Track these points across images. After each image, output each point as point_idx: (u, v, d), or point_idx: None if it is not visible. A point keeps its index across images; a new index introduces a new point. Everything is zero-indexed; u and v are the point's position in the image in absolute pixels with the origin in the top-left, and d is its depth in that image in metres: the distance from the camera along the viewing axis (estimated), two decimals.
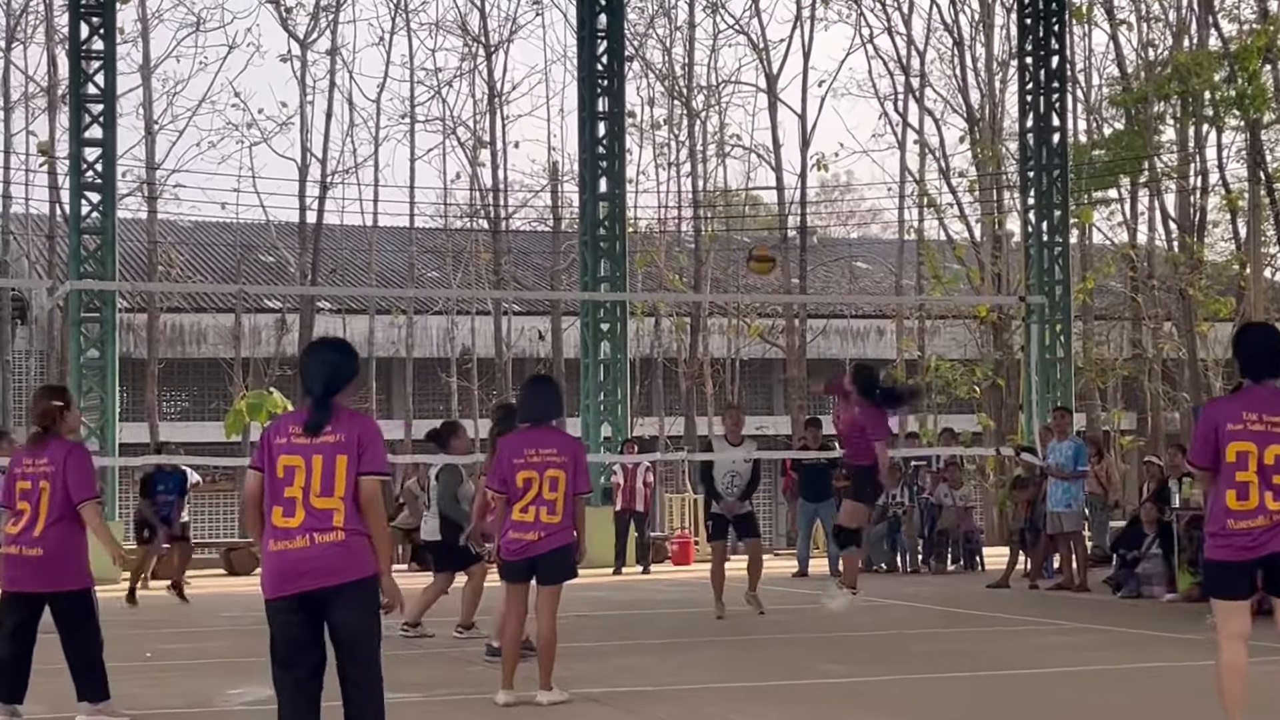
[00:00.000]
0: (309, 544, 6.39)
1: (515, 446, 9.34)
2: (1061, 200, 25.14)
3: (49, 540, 8.58)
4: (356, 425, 6.55)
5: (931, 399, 36.66)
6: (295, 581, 6.40)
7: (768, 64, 37.57)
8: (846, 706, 9.54)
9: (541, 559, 9.25)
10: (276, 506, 6.48)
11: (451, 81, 37.98)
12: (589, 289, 24.25)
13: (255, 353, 36.45)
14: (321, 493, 6.45)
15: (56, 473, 8.62)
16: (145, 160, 34.61)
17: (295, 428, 6.55)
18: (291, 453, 6.50)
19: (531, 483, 9.21)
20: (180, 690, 10.33)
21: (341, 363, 6.67)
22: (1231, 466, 7.09)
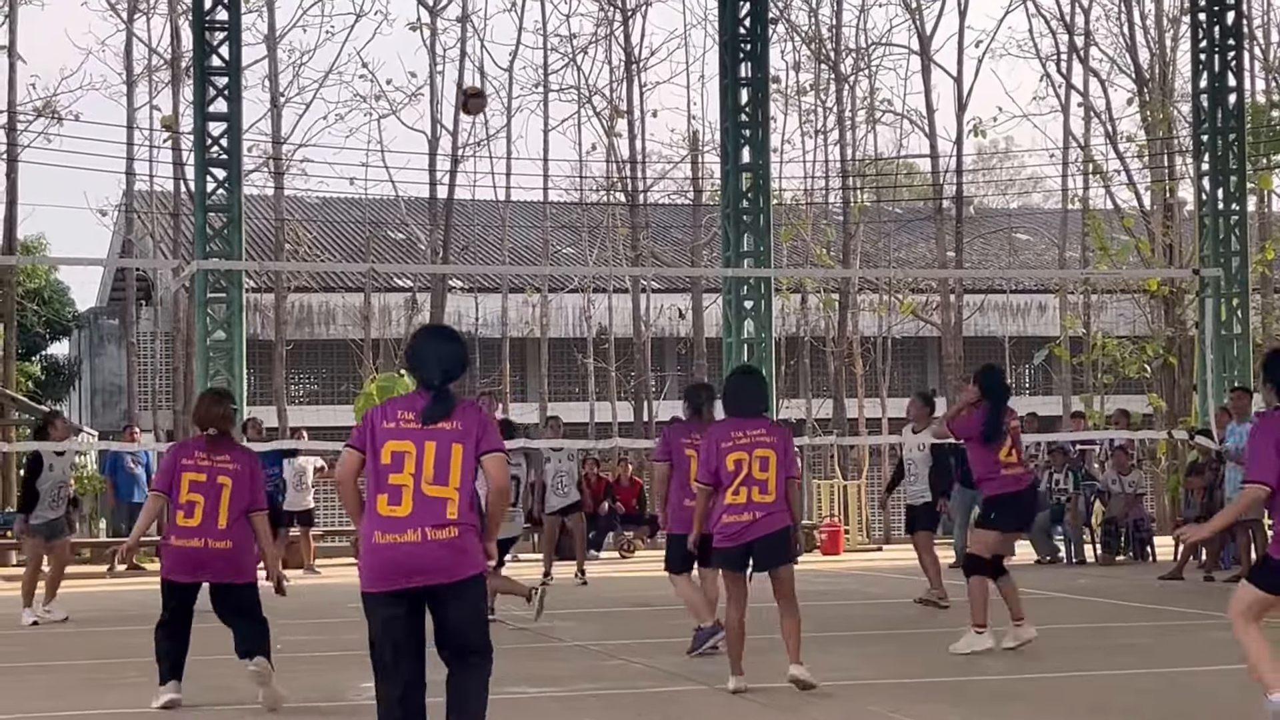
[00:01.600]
0: (420, 539, 6.44)
1: (723, 432, 9.63)
2: (1238, 165, 24.67)
3: (235, 534, 9.28)
4: (474, 414, 6.68)
5: (1099, 378, 36.18)
6: (406, 578, 6.47)
7: (921, 24, 37.24)
8: (1014, 705, 9.46)
9: (758, 543, 9.44)
10: (381, 494, 6.51)
11: (587, 48, 38.06)
12: (731, 265, 24.21)
13: (385, 333, 36.87)
14: (435, 480, 6.50)
15: (241, 474, 9.32)
16: (271, 134, 35.10)
17: (406, 413, 6.60)
18: (401, 438, 6.54)
19: (742, 464, 9.45)
20: (312, 683, 10.49)
21: (458, 352, 6.79)
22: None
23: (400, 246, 41.39)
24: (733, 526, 9.46)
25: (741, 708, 9.28)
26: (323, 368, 41.12)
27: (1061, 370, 37.51)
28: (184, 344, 32.86)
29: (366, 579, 6.58)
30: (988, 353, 42.69)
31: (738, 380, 10.07)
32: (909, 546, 24.15)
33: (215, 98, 22.88)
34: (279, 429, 32.11)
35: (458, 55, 36.32)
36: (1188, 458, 23.06)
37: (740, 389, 9.88)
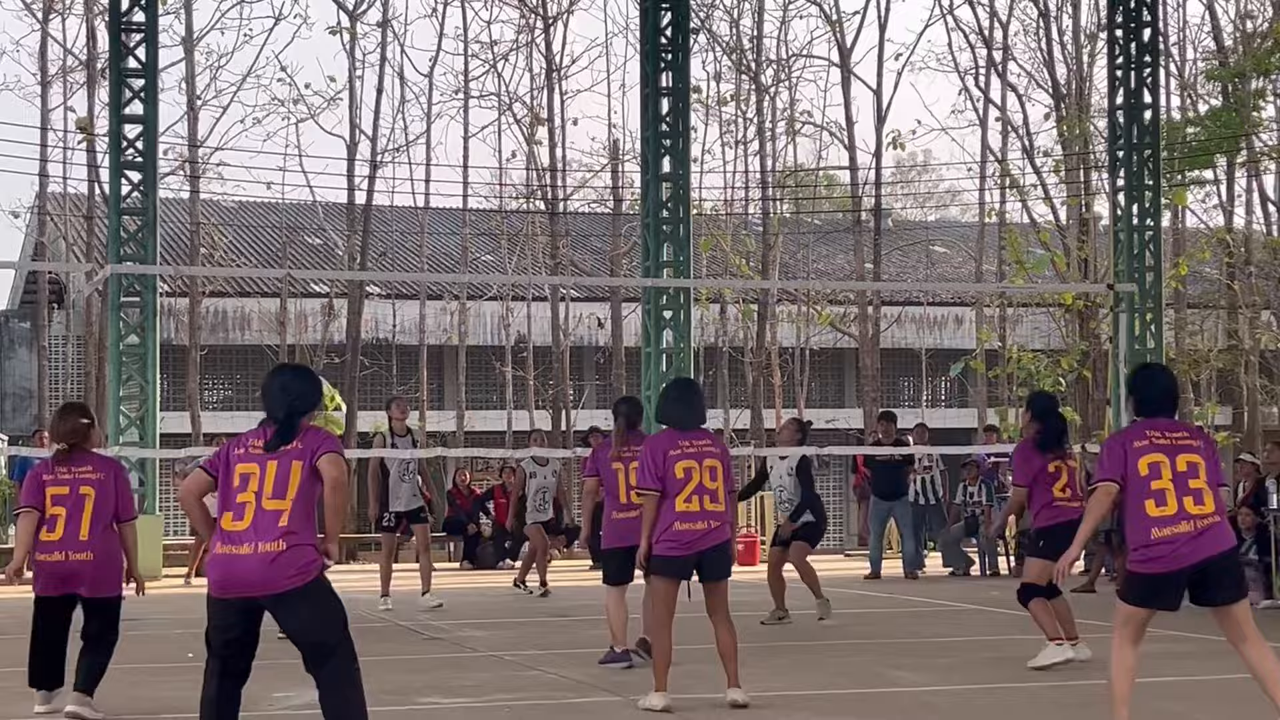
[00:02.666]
0: (253, 552, 7.04)
1: (668, 440, 9.64)
2: (1153, 181, 24.96)
3: (97, 546, 9.22)
4: (313, 435, 7.29)
5: (1014, 391, 36.51)
6: (238, 588, 7.09)
7: (841, 37, 37.48)
8: (928, 717, 9.53)
9: (710, 553, 9.50)
10: (228, 511, 7.14)
11: (508, 55, 38.05)
12: (651, 274, 24.26)
13: (301, 339, 36.68)
14: (273, 495, 7.10)
15: (103, 483, 9.27)
16: (188, 138, 34.86)
17: (256, 442, 7.25)
18: (249, 462, 7.19)
19: (692, 472, 9.48)
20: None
21: (306, 390, 7.38)
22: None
23: (318, 252, 41.19)
24: (686, 535, 9.45)
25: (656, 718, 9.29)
26: (237, 373, 40.83)
27: (977, 383, 37.83)
28: (96, 348, 32.58)
29: (210, 585, 7.21)
30: (905, 364, 43.06)
31: (679, 392, 10.07)
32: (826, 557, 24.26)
33: (131, 100, 22.69)
34: (192, 435, 31.88)
35: (378, 60, 36.31)
36: None
37: (682, 400, 9.89)
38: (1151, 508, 7.65)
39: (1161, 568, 7.65)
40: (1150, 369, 8.68)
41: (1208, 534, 7.64)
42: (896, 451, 21.24)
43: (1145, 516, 7.67)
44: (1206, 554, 7.62)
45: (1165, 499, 7.65)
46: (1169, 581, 7.69)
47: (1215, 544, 7.65)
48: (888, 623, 15.67)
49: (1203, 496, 7.68)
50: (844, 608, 17.13)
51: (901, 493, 21.30)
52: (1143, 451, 7.74)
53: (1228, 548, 7.72)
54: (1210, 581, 7.68)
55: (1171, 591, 7.76)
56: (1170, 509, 7.64)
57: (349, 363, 35.12)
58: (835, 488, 42.68)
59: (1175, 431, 7.85)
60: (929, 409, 40.74)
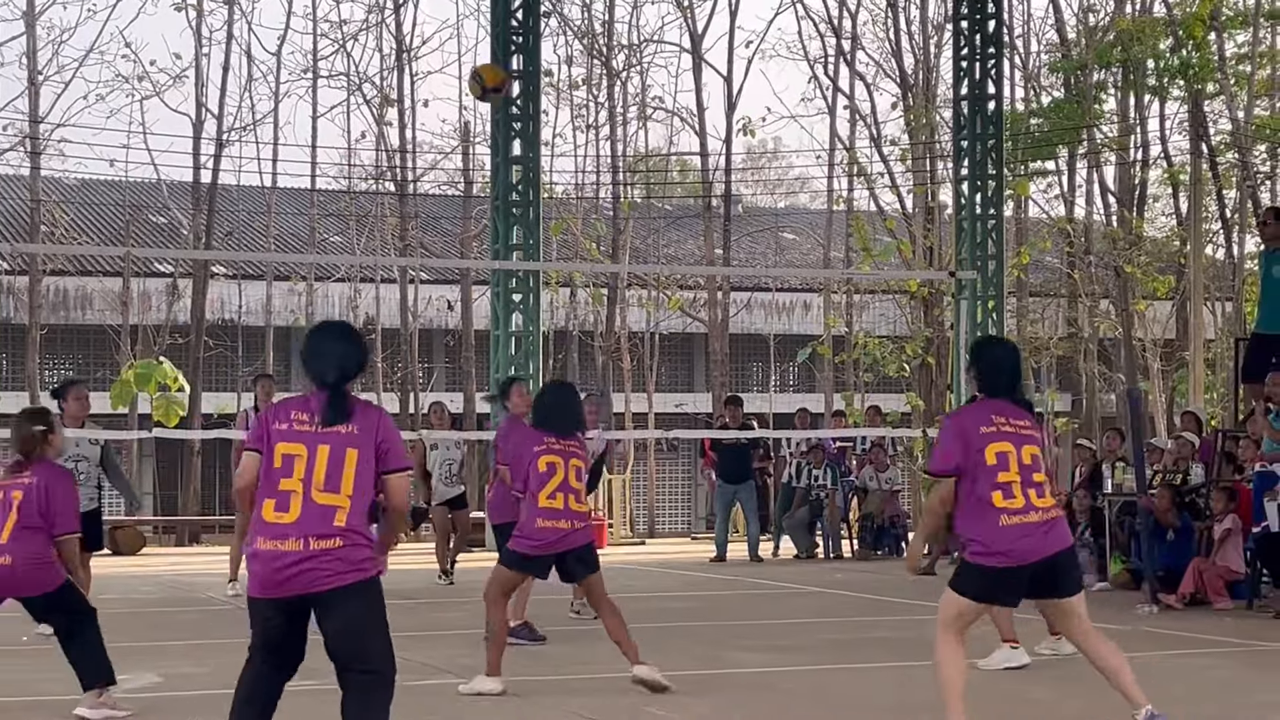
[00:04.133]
0: (303, 548, 6.20)
1: (534, 435, 9.58)
2: (996, 171, 25.38)
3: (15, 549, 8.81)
4: (374, 421, 6.40)
5: (860, 376, 36.95)
6: (285, 587, 6.25)
7: (692, 23, 37.67)
8: (760, 697, 9.64)
9: (571, 554, 9.45)
10: (269, 500, 6.29)
11: (357, 35, 37.81)
12: (501, 257, 24.22)
13: (145, 320, 36.15)
14: (326, 488, 6.26)
15: (34, 487, 8.86)
16: (28, 114, 34.21)
17: (300, 414, 6.35)
18: (293, 440, 6.30)
19: (556, 468, 9.39)
20: (61, 676, 10.27)
21: (354, 351, 6.50)
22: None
23: (162, 231, 40.60)
24: (549, 534, 9.42)
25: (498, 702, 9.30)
26: (79, 353, 40.15)
27: (824, 368, 38.23)
28: None
29: (251, 585, 6.39)
30: (753, 349, 43.40)
31: (558, 396, 10.01)
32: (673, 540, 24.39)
33: None
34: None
35: (224, 38, 35.87)
36: None
37: (562, 405, 9.83)
38: (999, 499, 7.36)
39: (1008, 561, 7.34)
40: (995, 344, 8.32)
41: (1055, 529, 7.43)
42: (742, 435, 21.41)
43: (991, 508, 7.37)
44: (1055, 549, 7.39)
45: (1013, 491, 7.37)
46: (1014, 576, 7.40)
47: (1062, 539, 7.46)
48: (731, 605, 15.83)
49: (1044, 489, 7.48)
50: (690, 590, 17.30)
51: (747, 476, 21.47)
52: (990, 438, 7.44)
53: (1070, 543, 7.58)
54: (1055, 577, 7.44)
55: (1015, 586, 7.50)
56: (1018, 502, 7.37)
57: (193, 344, 34.71)
58: (683, 471, 42.94)
59: (1020, 419, 7.57)
60: (777, 394, 41.10)
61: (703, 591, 17.13)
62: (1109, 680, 7.61)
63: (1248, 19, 35.06)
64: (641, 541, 28.03)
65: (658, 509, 37.69)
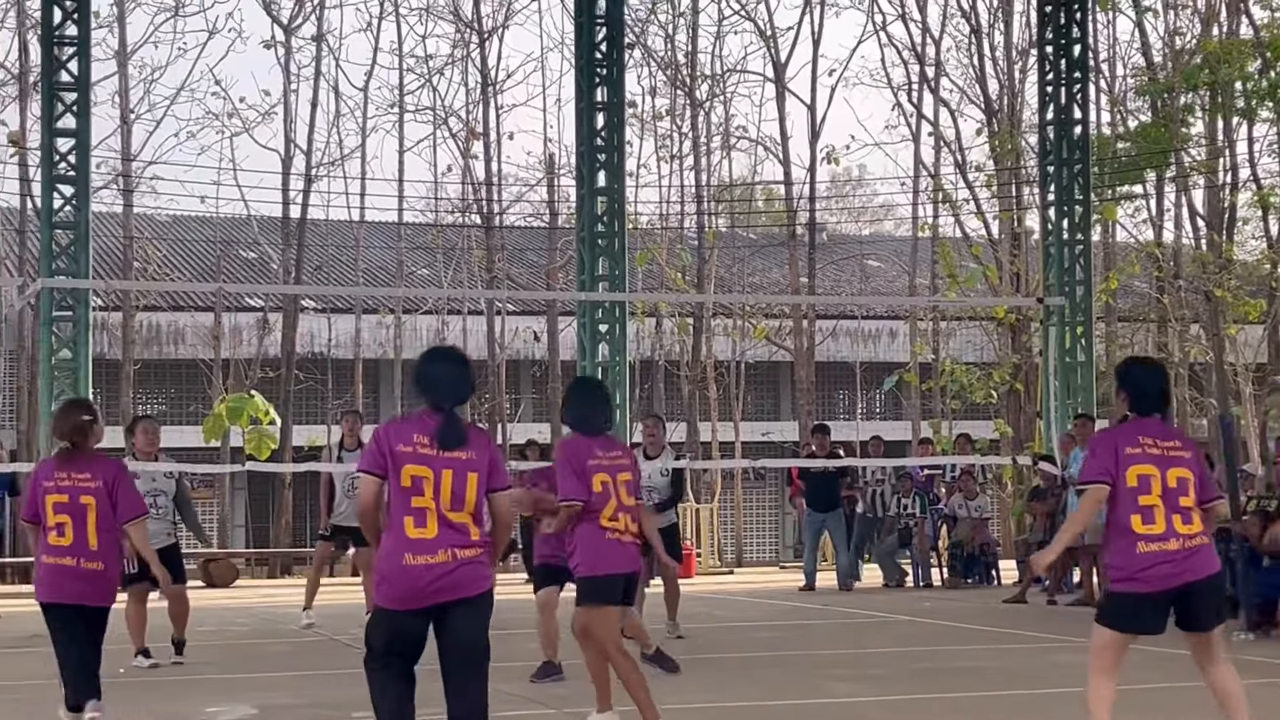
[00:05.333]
0: (451, 559, 6.67)
1: (587, 449, 8.79)
2: (1083, 196, 25.17)
3: (105, 555, 8.87)
4: (484, 442, 6.92)
5: (947, 404, 36.74)
6: (434, 596, 6.69)
7: (775, 52, 37.68)
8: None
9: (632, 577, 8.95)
10: (408, 517, 6.70)
11: (443, 69, 38.07)
12: (586, 288, 24.28)
13: (236, 353, 36.50)
14: (452, 507, 6.71)
15: (102, 489, 8.85)
16: (121, 151, 34.67)
17: (421, 437, 6.77)
18: (419, 463, 6.72)
19: (608, 488, 8.75)
20: (155, 708, 10.38)
21: (467, 376, 6.99)
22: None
23: (252, 266, 41.01)
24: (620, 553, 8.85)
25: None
26: (171, 388, 40.58)
27: (910, 396, 38.04)
28: (29, 362, 32.30)
29: (392, 598, 6.75)
30: (839, 377, 43.26)
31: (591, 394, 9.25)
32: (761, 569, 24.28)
33: (63, 113, 22.52)
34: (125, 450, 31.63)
35: (312, 74, 36.23)
36: (1032, 483, 23.49)
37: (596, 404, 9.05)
38: (1138, 524, 7.18)
39: (1147, 588, 7.17)
40: (1141, 363, 8.09)
41: (1195, 556, 7.20)
42: (830, 464, 21.35)
43: (1130, 533, 7.20)
44: (1194, 577, 7.18)
45: (1153, 516, 7.18)
46: (1154, 603, 7.21)
47: (1202, 567, 7.23)
48: (822, 634, 15.75)
49: (1191, 515, 7.24)
50: (778, 619, 17.24)
51: (835, 505, 21.39)
52: (1134, 460, 7.26)
53: (1212, 571, 7.31)
54: (1193, 607, 7.25)
55: (1156, 615, 7.28)
56: (1158, 527, 7.17)
57: (284, 377, 34.99)
58: (771, 500, 42.83)
59: (1168, 440, 7.34)
60: (863, 421, 40.91)
61: (792, 621, 17.06)
62: (1221, 707, 7.53)
63: None
64: (730, 571, 27.98)
65: (745, 538, 37.59)
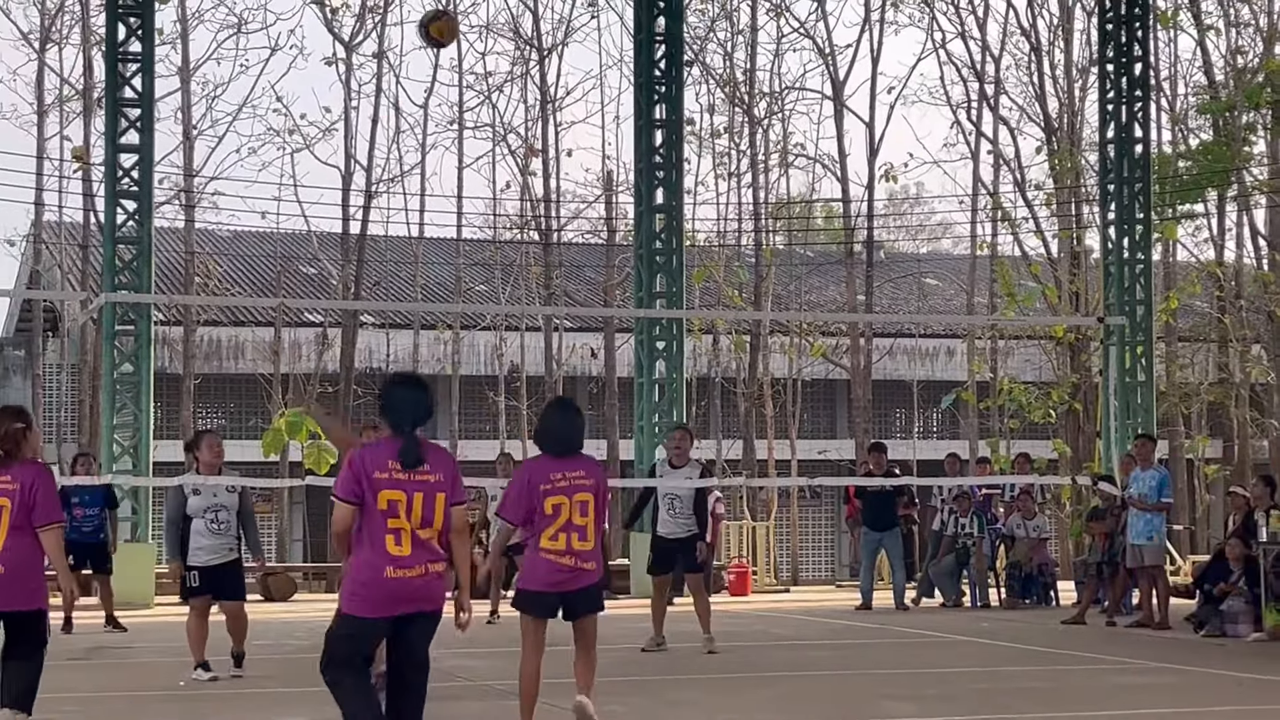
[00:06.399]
0: (424, 573, 7.33)
1: (541, 473, 8.99)
2: (1144, 215, 25.00)
3: (7, 557, 8.66)
4: (447, 463, 7.57)
5: (1005, 423, 36.51)
6: (406, 605, 7.31)
7: (834, 70, 37.60)
8: None
9: (581, 594, 8.99)
10: (388, 535, 7.33)
11: (502, 86, 38.14)
12: (644, 305, 24.27)
13: (295, 368, 36.64)
14: (422, 525, 7.37)
15: (20, 491, 8.71)
16: (183, 167, 34.92)
17: (393, 462, 7.40)
18: (394, 488, 7.36)
19: (561, 509, 8.86)
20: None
21: (421, 399, 7.65)
22: None
23: (312, 281, 41.19)
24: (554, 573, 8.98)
25: None
26: (231, 402, 40.80)
27: (968, 414, 37.83)
28: (91, 376, 32.55)
29: (368, 606, 7.33)
30: (896, 396, 43.08)
31: (560, 414, 9.31)
32: (817, 587, 24.14)
33: (127, 129, 22.71)
34: (185, 464, 31.81)
35: (373, 91, 36.39)
36: (1091, 503, 23.29)
37: (563, 423, 9.17)
38: None
39: None
40: None
41: None
42: (887, 482, 21.21)
43: None
44: None
45: None
46: None
47: None
48: (878, 653, 15.64)
49: None
50: (835, 638, 17.14)
51: (892, 524, 21.25)
52: None
53: None
54: None
55: None
56: None
57: (343, 392, 35.10)
58: (827, 518, 42.67)
59: None
60: (920, 440, 40.76)
61: (848, 640, 16.95)
62: None
63: None
64: (786, 589, 27.83)
65: (801, 556, 37.44)
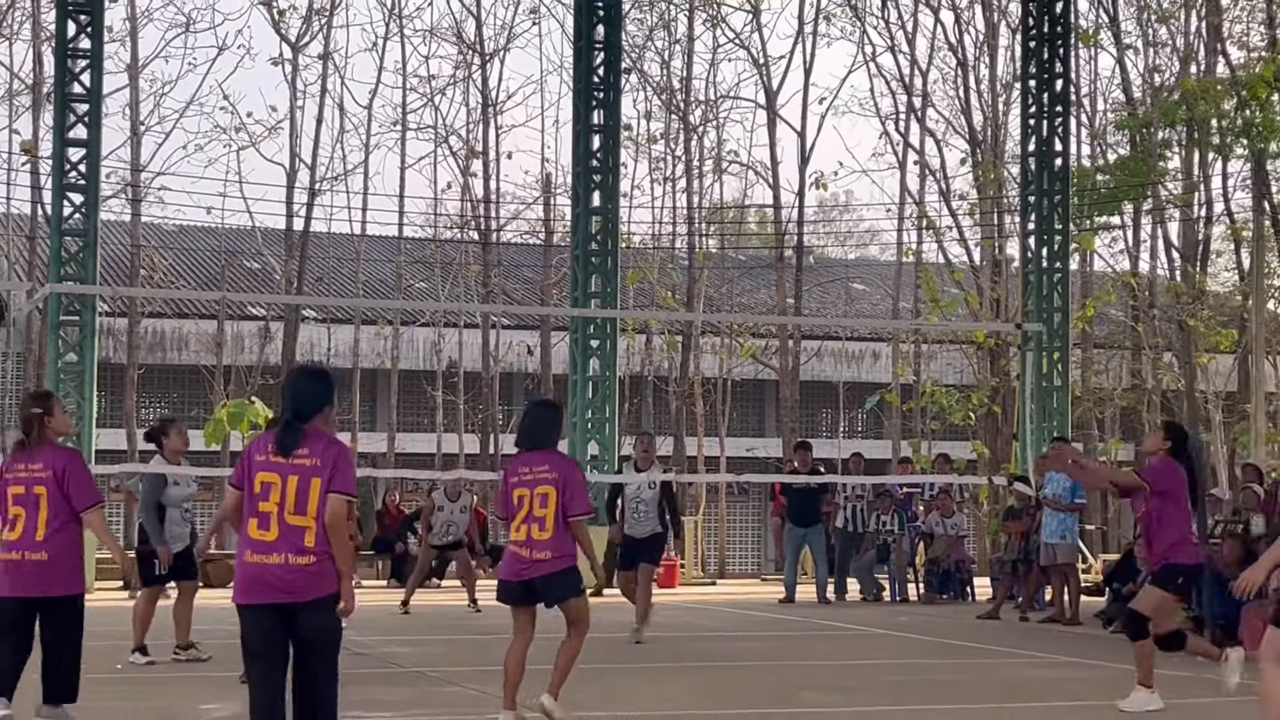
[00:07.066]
0: (284, 563, 6.99)
1: (512, 467, 9.39)
2: (1062, 226, 25.26)
3: (53, 545, 8.75)
4: (331, 450, 7.14)
5: (927, 424, 36.76)
6: (269, 594, 7.01)
7: (768, 79, 37.74)
8: None
9: (540, 581, 9.15)
10: (253, 519, 7.06)
11: (445, 89, 38.10)
12: (579, 304, 24.33)
13: (237, 360, 36.47)
14: (295, 511, 7.03)
15: (53, 478, 8.77)
16: (130, 162, 34.68)
17: (273, 446, 7.16)
18: (269, 470, 7.09)
19: (524, 500, 9.16)
20: (152, 703, 10.39)
21: (311, 389, 7.34)
22: None
23: (255, 276, 40.98)
24: (514, 563, 9.22)
25: None
26: (174, 392, 40.54)
27: (892, 415, 38.06)
28: (36, 365, 32.27)
29: (238, 592, 7.13)
30: (823, 396, 43.29)
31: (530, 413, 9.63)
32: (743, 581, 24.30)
33: (75, 124, 22.59)
34: (128, 452, 31.63)
35: (318, 91, 36.27)
36: (1007, 503, 23.53)
37: (531, 422, 9.49)
38: None
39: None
40: None
41: None
42: (812, 480, 21.37)
43: None
44: None
45: None
46: None
47: None
48: (799, 645, 15.77)
49: None
50: (759, 630, 17.27)
51: (816, 520, 21.41)
52: None
53: None
54: None
55: None
56: None
57: (284, 384, 34.90)
58: (755, 514, 42.83)
59: None
60: (845, 440, 40.94)
61: (772, 632, 17.08)
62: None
63: None
64: (712, 582, 27.95)
65: (729, 550, 37.57)
